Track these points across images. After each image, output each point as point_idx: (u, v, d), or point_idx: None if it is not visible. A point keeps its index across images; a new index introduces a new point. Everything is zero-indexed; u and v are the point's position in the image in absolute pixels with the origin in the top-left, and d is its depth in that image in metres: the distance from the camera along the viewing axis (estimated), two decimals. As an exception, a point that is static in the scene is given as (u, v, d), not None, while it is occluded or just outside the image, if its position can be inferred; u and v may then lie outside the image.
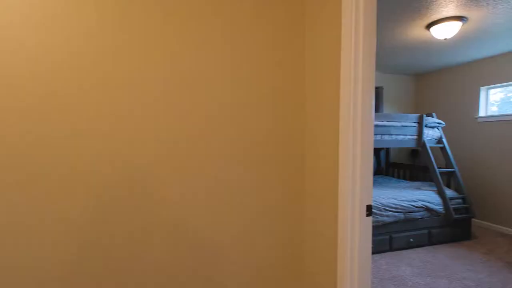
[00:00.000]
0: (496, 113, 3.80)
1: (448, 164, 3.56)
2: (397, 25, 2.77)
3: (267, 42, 1.52)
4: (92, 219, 1.24)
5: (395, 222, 3.03)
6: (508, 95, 3.74)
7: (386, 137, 3.34)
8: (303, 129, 1.64)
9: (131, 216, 1.31)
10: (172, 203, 1.37)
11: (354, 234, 1.29)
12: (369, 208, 1.30)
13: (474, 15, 2.52)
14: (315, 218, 1.57)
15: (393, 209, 3.00)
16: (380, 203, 3.01)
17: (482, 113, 3.91)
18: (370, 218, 1.31)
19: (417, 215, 3.10)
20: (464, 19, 2.58)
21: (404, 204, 3.06)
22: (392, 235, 3.01)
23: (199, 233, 1.43)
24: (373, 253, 2.96)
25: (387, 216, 2.96)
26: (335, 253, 1.39)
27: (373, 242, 2.93)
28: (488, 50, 3.47)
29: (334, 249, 1.41)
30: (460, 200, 3.34)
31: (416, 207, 3.10)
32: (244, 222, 1.52)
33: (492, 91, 3.89)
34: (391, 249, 3.02)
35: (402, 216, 3.03)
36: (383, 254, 2.95)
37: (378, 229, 2.95)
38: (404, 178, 4.42)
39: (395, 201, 3.06)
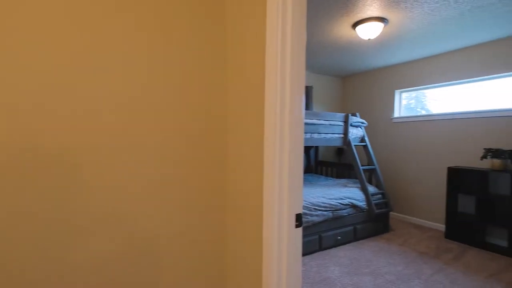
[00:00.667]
0: (407, 114, 4.18)
1: (370, 161, 3.74)
2: (326, 22, 2.72)
3: (185, 38, 1.21)
4: None
5: (324, 221, 3.00)
6: (410, 101, 4.17)
7: (315, 136, 3.32)
8: (225, 131, 1.35)
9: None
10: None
11: (282, 251, 1.05)
12: (298, 218, 1.08)
13: (394, 17, 2.61)
14: (239, 238, 1.28)
15: (322, 208, 2.97)
16: (310, 202, 2.94)
17: (396, 114, 4.27)
18: (300, 229, 1.09)
19: (344, 212, 3.14)
20: (386, 20, 2.66)
21: (332, 203, 3.06)
22: (321, 234, 2.97)
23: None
24: (303, 254, 2.87)
25: (316, 215, 2.91)
26: (260, 280, 1.13)
27: (304, 243, 2.84)
28: (403, 55, 3.76)
29: (259, 276, 1.14)
30: (380, 196, 3.53)
31: (343, 204, 3.13)
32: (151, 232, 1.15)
33: (403, 95, 4.28)
34: (320, 248, 2.97)
35: (330, 214, 3.02)
36: (313, 255, 2.88)
37: (308, 229, 2.87)
38: (332, 176, 4.57)
39: (324, 200, 3.04)
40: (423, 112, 3.99)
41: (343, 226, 3.16)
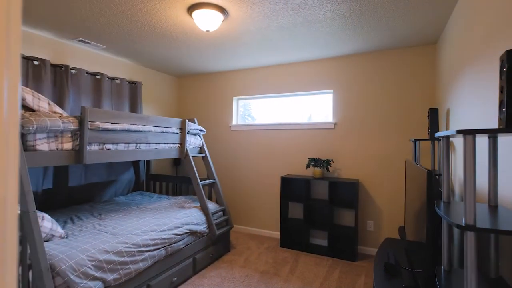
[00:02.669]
0: (243, 123, 4.13)
1: (210, 174, 3.32)
2: (153, -7, 1.99)
3: None
4: None
5: (155, 263, 2.24)
6: (241, 112, 4.19)
7: (143, 147, 2.49)
8: None
9: None
10: None
11: None
12: None
13: (235, 11, 2.25)
14: None
15: (152, 247, 2.19)
16: (134, 243, 2.09)
17: (234, 121, 4.12)
18: None
19: (181, 244, 2.50)
20: (226, 12, 2.25)
21: (165, 236, 2.34)
22: (150, 282, 2.19)
23: None
24: (123, 321, 1.98)
25: (143, 260, 2.10)
26: None
27: (124, 305, 1.96)
28: (242, 61, 3.60)
29: None
30: (220, 213, 3.16)
31: (180, 234, 2.49)
32: None
33: (240, 103, 4.20)
34: (149, 302, 2.19)
35: (163, 252, 2.29)
36: (138, 317, 2.04)
37: (131, 283, 2.01)
38: (167, 192, 3.83)
39: (154, 234, 2.27)
40: (249, 120, 4.04)
41: (180, 262, 2.51)
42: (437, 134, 1.04)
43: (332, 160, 3.21)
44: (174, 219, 2.57)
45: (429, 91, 2.91)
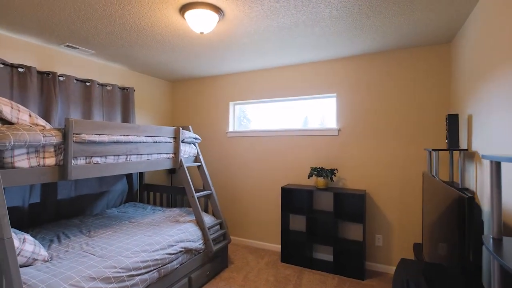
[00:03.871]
0: (240, 129, 3.94)
1: (206, 185, 3.13)
2: (141, -7, 1.81)
3: None
4: None
5: (147, 287, 2.05)
6: (237, 114, 4.00)
7: (133, 158, 2.31)
8: None
9: None
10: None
11: None
12: None
13: (231, 11, 2.07)
14: None
15: (143, 270, 2.00)
16: (124, 267, 1.90)
17: (231, 128, 3.93)
18: None
19: (175, 263, 2.31)
20: (222, 12, 2.08)
21: (158, 257, 2.15)
22: (141, 309, 2.00)
23: None
24: None
25: (133, 286, 1.91)
26: None
27: (111, 337, 1.77)
28: (239, 64, 3.42)
29: None
30: (217, 227, 2.97)
31: (174, 254, 2.30)
32: None
33: (237, 107, 4.01)
34: (140, 331, 1.99)
35: (155, 275, 2.10)
36: None
37: (118, 311, 1.82)
38: (161, 204, 3.64)
39: (146, 255, 2.08)
40: (245, 122, 3.85)
41: (174, 283, 2.32)
42: (489, 158, 0.85)
43: (336, 169, 3.03)
44: (168, 237, 2.38)
45: (443, 94, 2.70)
